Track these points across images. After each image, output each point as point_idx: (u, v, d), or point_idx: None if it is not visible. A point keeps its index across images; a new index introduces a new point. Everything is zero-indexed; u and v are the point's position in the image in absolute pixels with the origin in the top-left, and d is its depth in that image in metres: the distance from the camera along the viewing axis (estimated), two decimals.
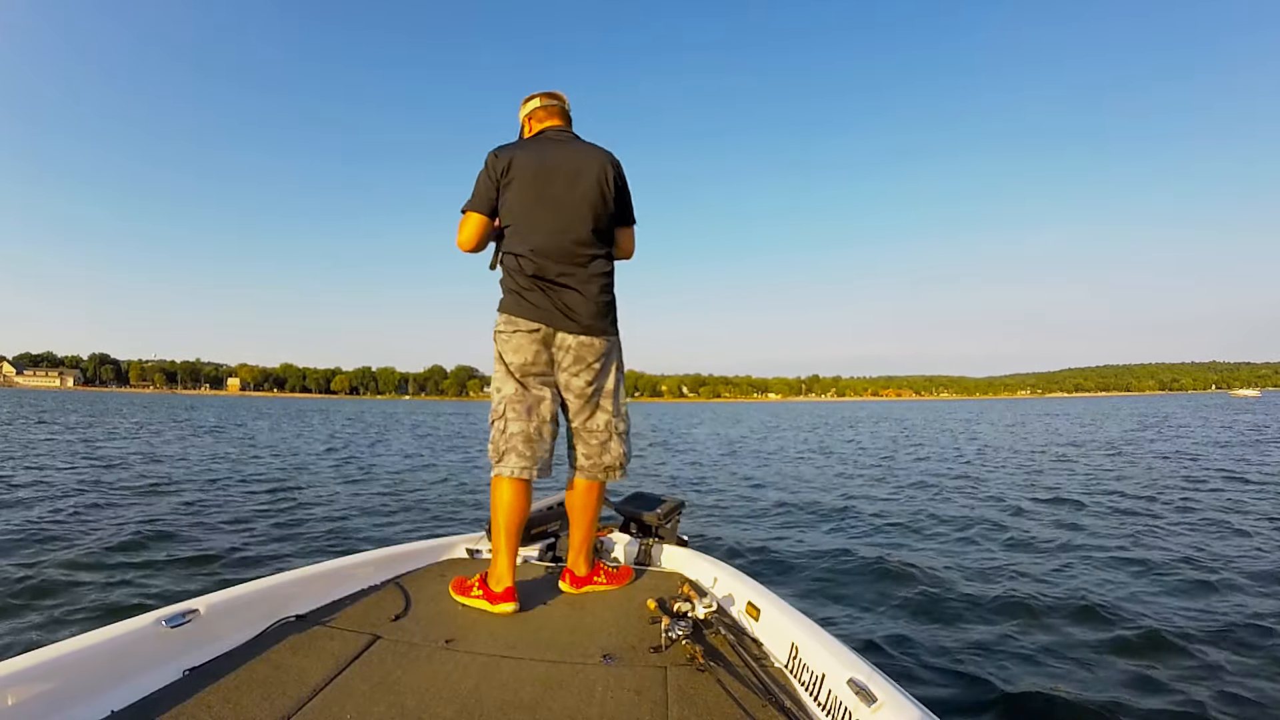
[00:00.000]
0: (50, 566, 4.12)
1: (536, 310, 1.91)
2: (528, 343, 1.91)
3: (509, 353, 1.92)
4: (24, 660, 1.19)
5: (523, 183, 1.94)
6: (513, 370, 1.92)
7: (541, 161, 1.96)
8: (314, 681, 1.33)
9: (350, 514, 6.41)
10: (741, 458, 13.48)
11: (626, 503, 2.57)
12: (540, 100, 2.09)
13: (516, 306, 1.92)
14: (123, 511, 6.04)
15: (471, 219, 1.97)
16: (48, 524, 5.36)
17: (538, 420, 1.92)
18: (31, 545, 4.68)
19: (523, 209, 1.93)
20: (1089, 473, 9.89)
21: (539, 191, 1.94)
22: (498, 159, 1.96)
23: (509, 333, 1.92)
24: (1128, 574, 4.33)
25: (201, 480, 8.41)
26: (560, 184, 1.95)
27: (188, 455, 11.64)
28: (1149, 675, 2.78)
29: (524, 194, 1.94)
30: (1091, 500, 7.24)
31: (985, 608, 3.65)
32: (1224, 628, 3.29)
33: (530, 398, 1.92)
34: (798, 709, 1.25)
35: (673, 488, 8.77)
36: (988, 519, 6.27)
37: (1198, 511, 6.49)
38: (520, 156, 1.96)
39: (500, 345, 1.94)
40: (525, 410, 1.91)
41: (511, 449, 1.89)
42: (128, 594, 3.69)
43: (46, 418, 23.54)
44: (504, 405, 1.92)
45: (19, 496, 6.71)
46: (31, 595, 3.61)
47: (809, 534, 5.74)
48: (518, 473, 1.88)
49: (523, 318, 1.91)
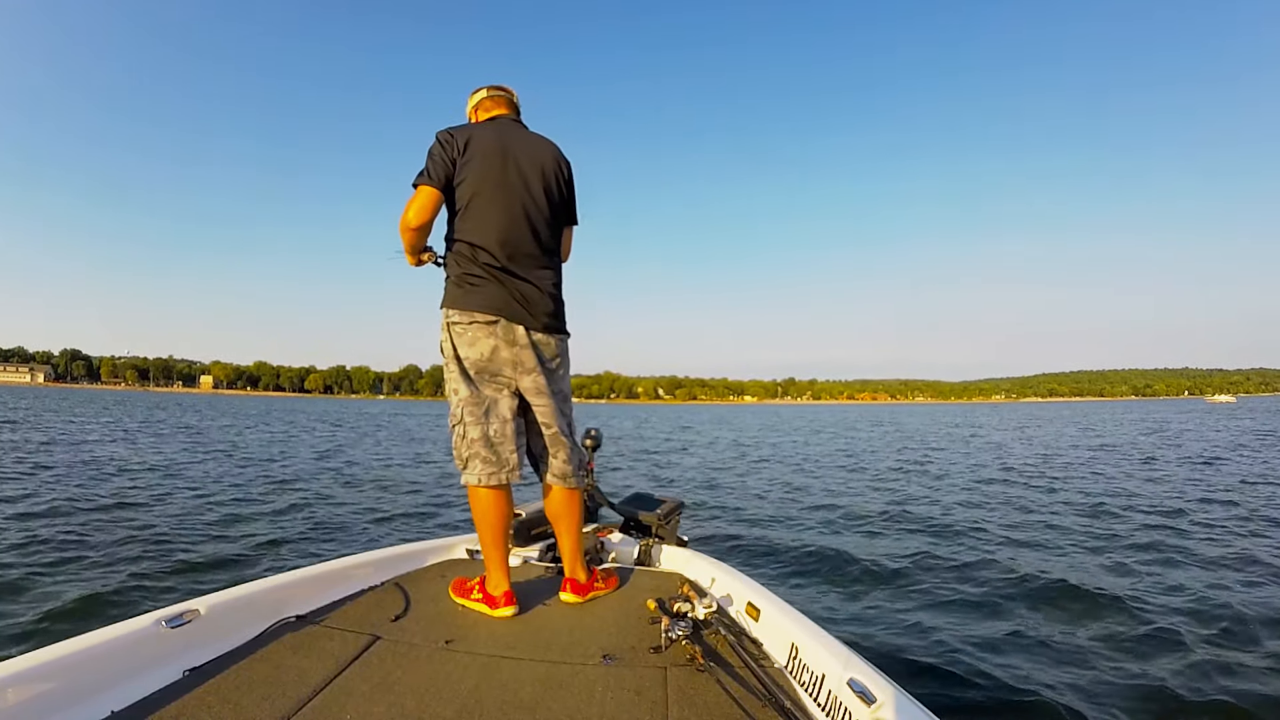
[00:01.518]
0: (48, 567, 4.12)
1: (493, 303, 1.77)
2: (484, 335, 1.78)
3: (464, 347, 1.78)
4: (24, 660, 1.19)
5: (483, 164, 1.80)
6: (468, 367, 1.79)
7: (502, 145, 1.83)
8: (314, 681, 1.33)
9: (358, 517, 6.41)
10: (774, 463, 13.19)
11: (626, 503, 2.57)
12: (487, 91, 2.00)
13: (470, 298, 1.78)
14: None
15: (424, 192, 1.77)
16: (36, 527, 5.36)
17: (498, 421, 1.81)
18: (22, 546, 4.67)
19: (480, 192, 1.79)
20: (1119, 479, 9.87)
21: (499, 177, 1.81)
22: (453, 136, 1.82)
23: (464, 324, 1.77)
24: (1157, 577, 4.32)
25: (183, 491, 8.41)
26: (520, 171, 1.83)
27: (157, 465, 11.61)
28: (1150, 676, 2.78)
29: (483, 177, 1.79)
30: (1120, 507, 7.24)
31: (990, 608, 3.65)
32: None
33: (486, 398, 1.80)
34: (798, 709, 1.25)
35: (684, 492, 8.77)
36: (1026, 520, 6.27)
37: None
38: (479, 136, 1.83)
39: (455, 339, 1.79)
40: (483, 412, 1.80)
41: (474, 455, 1.79)
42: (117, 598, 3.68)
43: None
44: (461, 408, 1.80)
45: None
46: (28, 597, 3.61)
47: (842, 538, 5.74)
48: (485, 480, 1.79)
49: (478, 310, 1.77)
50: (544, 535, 2.40)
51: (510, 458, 1.82)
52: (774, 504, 7.40)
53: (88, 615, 3.31)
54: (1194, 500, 7.21)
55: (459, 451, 1.82)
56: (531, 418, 1.90)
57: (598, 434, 2.63)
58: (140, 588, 3.80)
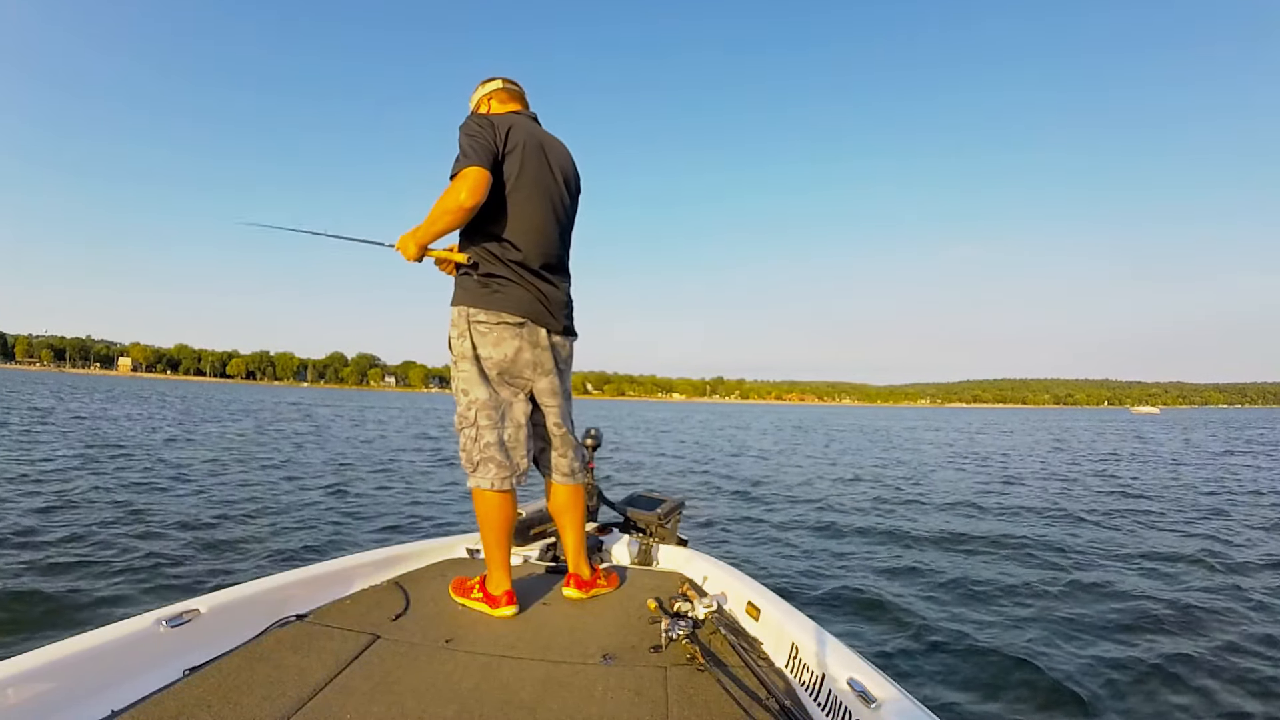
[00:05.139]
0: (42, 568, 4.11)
1: (521, 305, 1.74)
2: (510, 337, 1.74)
3: (488, 347, 1.73)
4: (24, 660, 1.19)
5: (524, 159, 1.72)
6: (489, 369, 1.74)
7: (538, 142, 1.78)
8: (314, 681, 1.33)
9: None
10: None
11: (626, 503, 2.57)
12: (503, 82, 1.92)
13: (498, 299, 1.72)
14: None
15: (477, 172, 1.62)
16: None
17: (513, 426, 1.78)
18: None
19: (519, 189, 1.72)
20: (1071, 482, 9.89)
21: (538, 175, 1.75)
22: (495, 123, 1.71)
23: (491, 324, 1.72)
24: (1153, 576, 4.33)
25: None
26: (555, 171, 1.80)
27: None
28: (1155, 676, 2.78)
29: (524, 172, 1.72)
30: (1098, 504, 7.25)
31: (989, 608, 3.65)
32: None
33: (503, 401, 1.77)
34: (798, 709, 1.25)
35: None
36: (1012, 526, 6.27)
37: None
38: (519, 128, 1.75)
39: (477, 340, 1.73)
40: (500, 416, 1.76)
41: (488, 459, 1.75)
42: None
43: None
44: (474, 411, 1.75)
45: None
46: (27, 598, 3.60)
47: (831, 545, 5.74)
48: (498, 484, 1.76)
49: (508, 311, 1.72)
50: (544, 535, 2.40)
51: (521, 462, 1.80)
52: (772, 503, 7.41)
53: (87, 616, 3.30)
54: None
55: (469, 454, 1.77)
56: (539, 418, 1.89)
57: (598, 434, 2.63)
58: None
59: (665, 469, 11.46)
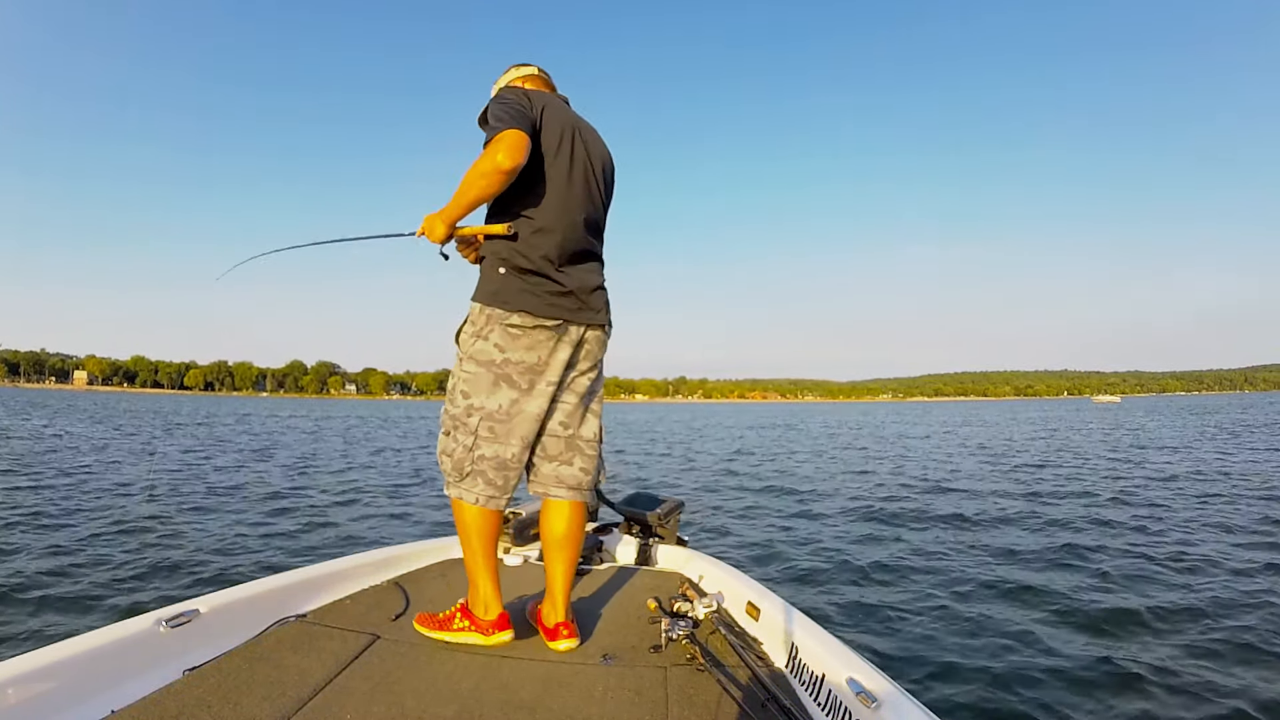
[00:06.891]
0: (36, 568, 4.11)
1: (558, 302, 1.56)
2: (545, 339, 1.55)
3: (520, 351, 1.54)
4: (24, 660, 1.20)
5: (560, 139, 1.58)
6: (511, 373, 1.55)
7: (574, 124, 1.63)
8: (314, 681, 1.33)
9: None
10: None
11: (626, 503, 2.57)
12: (537, 69, 1.77)
13: (531, 299, 1.53)
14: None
15: (516, 134, 1.44)
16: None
17: (518, 445, 1.58)
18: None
19: (556, 171, 1.56)
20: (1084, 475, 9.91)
21: (572, 155, 1.60)
22: (528, 95, 1.57)
23: (524, 329, 1.53)
24: (1180, 574, 4.32)
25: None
26: (591, 153, 1.65)
27: None
28: (1160, 678, 2.78)
29: (560, 153, 1.57)
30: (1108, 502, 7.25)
31: (992, 610, 3.65)
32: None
33: (516, 415, 1.57)
34: (798, 709, 1.25)
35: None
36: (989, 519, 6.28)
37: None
38: (553, 107, 1.61)
39: (505, 343, 1.54)
40: (506, 431, 1.57)
41: (478, 473, 1.56)
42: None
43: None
44: (476, 419, 1.56)
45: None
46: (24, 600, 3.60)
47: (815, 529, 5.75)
48: (483, 502, 1.57)
49: (543, 311, 1.54)
50: None
51: (514, 483, 1.62)
52: (772, 503, 7.41)
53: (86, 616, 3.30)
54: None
55: (457, 461, 1.58)
56: (560, 421, 1.66)
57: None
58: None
59: (663, 469, 11.47)
